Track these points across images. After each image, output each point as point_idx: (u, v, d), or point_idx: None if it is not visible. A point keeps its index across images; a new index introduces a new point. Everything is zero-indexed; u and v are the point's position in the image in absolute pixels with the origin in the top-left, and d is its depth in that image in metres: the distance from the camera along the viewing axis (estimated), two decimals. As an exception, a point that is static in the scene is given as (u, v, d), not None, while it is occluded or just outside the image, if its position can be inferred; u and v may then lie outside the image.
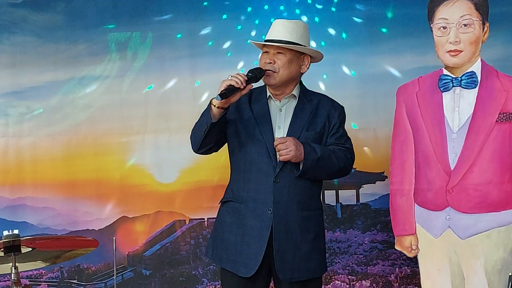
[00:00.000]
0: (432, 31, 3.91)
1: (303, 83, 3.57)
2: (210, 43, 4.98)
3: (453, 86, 3.87)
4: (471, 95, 3.84)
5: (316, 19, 4.92)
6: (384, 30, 4.88)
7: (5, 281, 4.82)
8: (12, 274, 2.90)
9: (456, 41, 3.84)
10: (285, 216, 3.38)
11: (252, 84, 3.36)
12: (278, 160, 3.37)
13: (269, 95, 3.50)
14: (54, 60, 5.06)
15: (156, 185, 5.03)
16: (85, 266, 5.05)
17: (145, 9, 5.02)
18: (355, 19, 4.89)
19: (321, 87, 4.78)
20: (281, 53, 3.41)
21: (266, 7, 4.95)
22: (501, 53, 4.56)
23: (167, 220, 5.04)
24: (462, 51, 3.85)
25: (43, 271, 5.04)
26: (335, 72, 4.87)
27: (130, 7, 5.04)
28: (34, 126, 5.07)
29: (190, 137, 3.49)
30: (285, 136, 3.39)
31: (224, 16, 4.98)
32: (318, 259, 3.48)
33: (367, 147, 4.84)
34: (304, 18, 4.88)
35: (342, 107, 3.57)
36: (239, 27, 4.96)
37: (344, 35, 4.91)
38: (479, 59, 3.88)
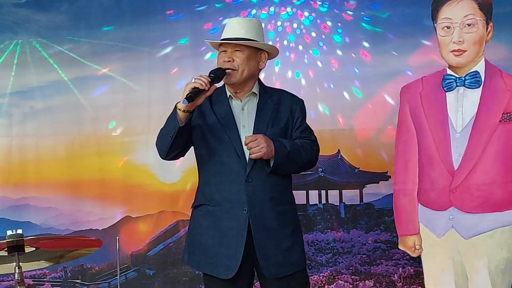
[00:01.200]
0: (435, 30, 3.90)
1: (261, 80, 3.57)
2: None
3: (457, 86, 3.85)
4: (474, 94, 3.83)
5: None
6: (388, 30, 4.88)
7: (8, 280, 4.84)
8: (16, 274, 2.91)
9: (459, 41, 3.82)
10: (262, 214, 3.39)
11: (215, 84, 3.35)
12: (247, 159, 3.38)
13: (230, 95, 3.49)
14: (57, 60, 5.07)
15: (159, 185, 5.04)
16: (89, 266, 5.05)
17: (148, 9, 5.03)
18: (361, 19, 4.88)
19: (325, 87, 4.78)
20: (239, 50, 3.42)
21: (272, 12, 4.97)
22: (505, 53, 4.56)
23: (170, 220, 5.04)
24: (465, 50, 3.83)
25: (47, 271, 5.05)
26: (340, 72, 4.86)
27: (134, 7, 5.04)
28: (38, 126, 5.08)
29: (156, 144, 3.48)
30: (251, 134, 3.39)
31: (229, 17, 4.97)
32: (299, 252, 3.50)
33: (370, 147, 4.84)
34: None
35: (302, 101, 3.59)
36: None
37: (348, 36, 4.91)
38: (483, 59, 3.86)
